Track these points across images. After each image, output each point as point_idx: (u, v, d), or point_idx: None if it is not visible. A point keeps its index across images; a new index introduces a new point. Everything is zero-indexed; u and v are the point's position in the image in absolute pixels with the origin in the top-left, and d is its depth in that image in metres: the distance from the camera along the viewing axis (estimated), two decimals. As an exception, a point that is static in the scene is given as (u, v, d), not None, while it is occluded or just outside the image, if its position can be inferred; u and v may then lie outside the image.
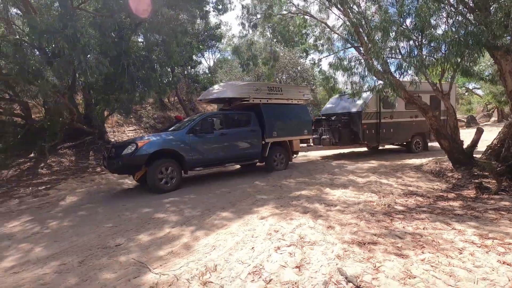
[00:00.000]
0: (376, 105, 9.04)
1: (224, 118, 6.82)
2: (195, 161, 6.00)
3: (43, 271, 2.67)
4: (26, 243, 3.45)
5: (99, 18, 6.58)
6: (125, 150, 5.40)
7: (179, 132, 6.07)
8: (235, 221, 3.72)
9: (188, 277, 2.35)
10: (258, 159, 7.16)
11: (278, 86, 7.87)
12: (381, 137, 9.21)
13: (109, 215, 4.37)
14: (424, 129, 9.66)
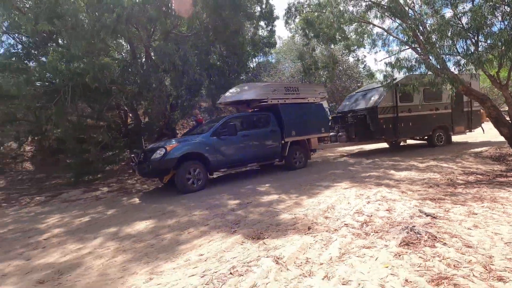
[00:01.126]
0: (392, 99, 8.85)
1: (244, 120, 6.97)
2: (219, 163, 6.25)
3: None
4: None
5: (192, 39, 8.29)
6: (155, 155, 5.64)
7: (203, 135, 6.28)
8: (326, 190, 4.92)
9: (313, 214, 3.62)
10: (278, 158, 7.34)
11: (294, 86, 8.00)
12: (400, 131, 8.93)
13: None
14: (446, 122, 9.47)
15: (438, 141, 9.52)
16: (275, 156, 7.22)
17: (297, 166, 7.47)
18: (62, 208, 5.61)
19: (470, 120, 9.88)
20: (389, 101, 8.82)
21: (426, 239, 2.58)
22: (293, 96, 7.68)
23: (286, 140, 7.24)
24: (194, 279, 2.28)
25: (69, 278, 2.57)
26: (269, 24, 9.50)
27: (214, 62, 9.94)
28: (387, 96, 8.75)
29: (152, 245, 3.17)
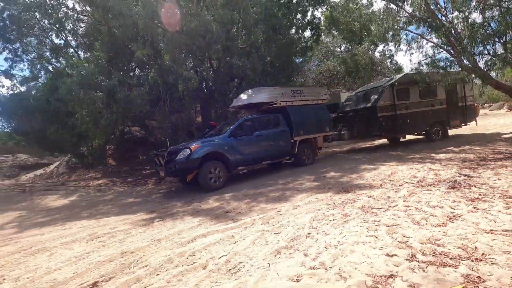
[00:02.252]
0: (391, 98, 9.20)
1: (257, 121, 7.38)
2: (237, 161, 6.64)
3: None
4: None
5: (248, 49, 10.00)
6: (180, 155, 5.98)
7: (221, 136, 6.66)
8: (381, 167, 6.40)
9: (380, 179, 5.14)
10: (288, 156, 7.87)
11: (299, 89, 8.59)
12: (399, 128, 9.36)
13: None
14: (442, 117, 9.87)
15: (435, 135, 9.88)
16: (286, 154, 7.71)
17: (306, 163, 7.99)
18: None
19: (465, 114, 10.37)
20: (388, 100, 9.17)
21: (464, 185, 4.05)
22: (299, 98, 8.24)
23: (295, 139, 7.76)
24: (306, 218, 3.91)
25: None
26: (314, 34, 10.97)
27: (266, 68, 11.58)
28: (385, 95, 9.14)
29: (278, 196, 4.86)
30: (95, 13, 9.16)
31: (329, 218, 3.39)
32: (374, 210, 3.46)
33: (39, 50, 11.37)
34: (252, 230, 3.28)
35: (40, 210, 6.20)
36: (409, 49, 9.37)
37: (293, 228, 3.17)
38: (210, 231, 3.38)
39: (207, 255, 2.73)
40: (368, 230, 2.86)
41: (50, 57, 11.36)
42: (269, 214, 3.84)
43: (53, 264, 2.92)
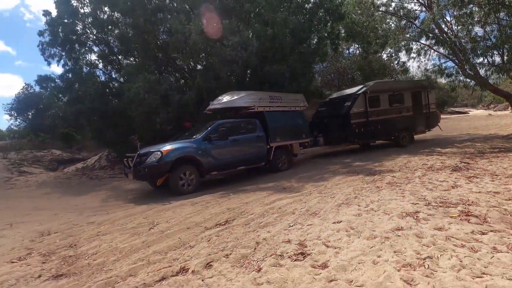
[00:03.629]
0: (364, 105, 9.49)
1: (233, 126, 7.28)
2: (211, 166, 6.53)
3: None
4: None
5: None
6: (150, 158, 5.83)
7: (195, 140, 6.52)
8: (397, 158, 7.76)
9: (398, 166, 6.52)
10: (264, 161, 7.74)
11: (277, 95, 8.59)
12: (371, 134, 9.71)
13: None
14: (409, 123, 10.40)
15: (403, 141, 10.33)
16: (261, 160, 7.64)
17: (281, 169, 7.98)
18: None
19: (429, 120, 11.04)
20: (361, 107, 9.50)
21: (464, 169, 5.41)
22: (277, 104, 8.33)
23: (271, 145, 7.78)
24: (349, 189, 5.30)
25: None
26: (334, 43, 12.33)
27: (293, 74, 12.80)
28: (358, 102, 9.47)
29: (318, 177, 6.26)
30: (145, 25, 10.60)
31: (366, 189, 4.78)
32: (398, 184, 4.84)
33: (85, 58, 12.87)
34: (312, 196, 4.69)
35: (126, 191, 7.69)
36: (417, 57, 10.70)
37: (342, 195, 4.55)
38: (282, 197, 4.80)
39: (290, 208, 4.14)
40: (397, 193, 4.25)
41: (97, 62, 12.86)
42: (319, 188, 5.25)
43: (184, 214, 4.34)
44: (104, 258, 2.95)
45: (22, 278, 2.71)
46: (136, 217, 4.47)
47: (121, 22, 11.58)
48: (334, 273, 2.21)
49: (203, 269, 2.51)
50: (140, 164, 5.91)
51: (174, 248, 3.06)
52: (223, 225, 3.65)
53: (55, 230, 4.22)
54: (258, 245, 2.89)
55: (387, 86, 10.48)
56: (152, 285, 2.33)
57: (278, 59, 10.73)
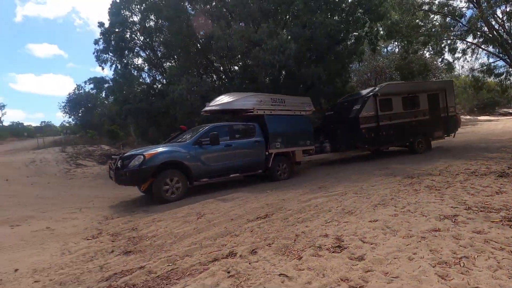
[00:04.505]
0: (374, 108, 8.93)
1: (229, 130, 6.88)
2: (200, 172, 6.08)
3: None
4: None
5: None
6: (132, 162, 5.42)
7: (185, 144, 6.14)
8: (436, 162, 7.52)
9: (439, 170, 6.36)
10: (261, 169, 7.22)
11: (281, 98, 8.04)
12: (382, 140, 9.09)
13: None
14: (425, 128, 9.63)
15: (419, 147, 9.66)
16: (258, 167, 7.17)
17: (280, 178, 7.40)
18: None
19: (447, 125, 10.21)
20: (371, 111, 8.91)
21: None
22: (279, 107, 7.81)
23: (270, 152, 7.29)
24: (386, 191, 5.32)
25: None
26: (372, 43, 12.11)
27: (330, 76, 12.79)
28: (368, 105, 8.87)
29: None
30: (187, 31, 11.30)
31: (403, 191, 4.81)
32: (437, 188, 4.80)
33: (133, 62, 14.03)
34: (347, 196, 4.83)
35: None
36: (463, 56, 10.13)
37: (378, 196, 4.64)
38: (318, 196, 5.00)
39: (326, 206, 4.34)
40: (435, 197, 4.25)
41: (143, 66, 13.97)
42: (355, 188, 5.36)
43: (227, 207, 4.74)
44: (162, 240, 3.41)
45: (99, 252, 3.26)
46: (183, 208, 4.97)
47: (165, 28, 12.47)
48: (370, 265, 2.41)
49: (249, 255, 2.83)
50: (123, 168, 5.48)
51: (222, 235, 3.44)
52: (263, 218, 3.97)
53: (117, 215, 4.85)
54: (297, 237, 3.16)
55: (400, 88, 9.84)
56: (206, 264, 2.71)
57: (314, 60, 10.83)
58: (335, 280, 2.22)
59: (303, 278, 2.30)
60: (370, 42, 12.35)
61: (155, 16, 12.47)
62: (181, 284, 2.35)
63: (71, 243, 3.62)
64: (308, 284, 2.21)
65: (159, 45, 12.93)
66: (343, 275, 2.27)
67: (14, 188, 7.72)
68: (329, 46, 10.98)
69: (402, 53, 11.45)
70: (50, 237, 3.94)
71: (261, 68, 9.37)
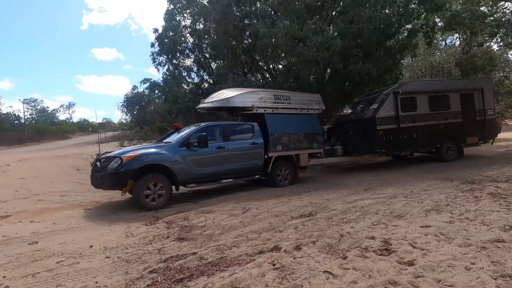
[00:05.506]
0: (394, 108, 8.04)
1: (222, 130, 6.24)
2: (188, 177, 5.54)
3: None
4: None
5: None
6: (110, 165, 5.03)
7: (170, 145, 5.60)
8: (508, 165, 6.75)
9: (504, 175, 5.71)
10: (259, 174, 6.57)
11: (285, 95, 7.29)
12: (402, 144, 8.17)
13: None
14: (456, 132, 8.52)
15: (447, 154, 8.65)
16: (255, 172, 6.50)
17: (281, 184, 6.72)
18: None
19: (484, 130, 8.86)
20: (390, 110, 8.04)
21: None
22: (283, 105, 7.10)
23: (270, 155, 6.63)
24: (440, 196, 4.92)
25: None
26: (427, 36, 11.19)
27: (379, 72, 12.15)
28: (387, 105, 8.00)
29: (400, 184, 6.01)
30: (234, 31, 11.66)
31: (461, 197, 4.44)
32: (503, 196, 4.33)
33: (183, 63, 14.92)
34: (397, 199, 4.61)
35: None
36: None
37: (431, 201, 4.35)
38: (364, 197, 4.87)
39: (373, 208, 4.21)
40: (500, 205, 3.86)
41: (192, 66, 14.78)
42: (405, 192, 5.08)
43: (271, 204, 4.87)
44: (211, 231, 3.66)
45: (156, 237, 3.63)
46: (229, 202, 5.22)
47: (213, 30, 13.03)
48: (421, 271, 2.32)
49: (293, 250, 2.91)
50: (101, 171, 5.14)
51: (266, 230, 3.57)
52: (307, 217, 4.01)
53: (169, 205, 5.29)
54: (342, 237, 3.15)
55: (427, 86, 8.83)
56: (253, 255, 2.86)
57: (362, 57, 10.41)
58: (382, 282, 2.19)
59: (348, 277, 2.31)
60: (426, 35, 11.43)
61: (204, 19, 13.09)
62: (230, 272, 2.52)
63: (133, 227, 4.07)
64: (354, 283, 2.22)
65: (207, 47, 13.56)
66: (391, 278, 2.23)
67: (83, 177, 8.81)
68: (379, 41, 10.42)
69: (463, 46, 10.28)
70: (116, 220, 4.48)
71: (304, 65, 9.29)
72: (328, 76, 11.08)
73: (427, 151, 9.21)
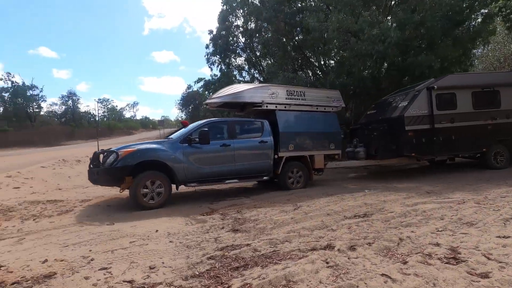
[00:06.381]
0: (427, 106, 7.02)
1: (228, 127, 5.91)
2: (188, 175, 5.28)
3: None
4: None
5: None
6: (108, 160, 4.91)
7: (171, 141, 5.38)
8: None
9: None
10: (268, 175, 6.14)
11: (300, 90, 6.83)
12: (437, 147, 7.07)
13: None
14: (508, 134, 7.28)
15: (496, 160, 7.42)
16: (263, 173, 6.09)
17: (293, 187, 6.31)
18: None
19: None
20: (423, 108, 7.05)
21: None
22: (297, 102, 6.64)
23: (280, 155, 6.23)
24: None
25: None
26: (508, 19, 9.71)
27: (444, 64, 11.00)
28: (419, 102, 7.04)
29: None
30: (285, 28, 11.64)
31: (550, 207, 3.80)
32: None
33: (235, 62, 15.42)
34: (466, 205, 4.15)
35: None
36: None
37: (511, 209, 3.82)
38: (426, 201, 4.49)
39: (438, 213, 3.86)
40: None
41: (244, 65, 15.20)
42: (478, 197, 4.55)
43: (322, 202, 4.81)
44: (263, 225, 3.77)
45: (212, 226, 3.87)
46: (280, 198, 5.30)
47: (264, 29, 13.21)
48: (498, 285, 2.08)
49: (347, 250, 2.85)
50: (98, 166, 5.08)
51: (318, 228, 3.54)
52: (361, 217, 3.86)
53: (223, 198, 5.58)
54: (401, 241, 2.97)
55: (470, 80, 7.57)
56: (305, 251, 2.87)
57: (424, 48, 9.51)
58: (449, 292, 2.03)
59: (409, 283, 2.18)
60: (505, 18, 9.93)
61: (255, 18, 13.34)
62: (283, 265, 2.58)
63: (191, 216, 4.40)
64: (415, 290, 2.09)
65: (257, 45, 13.82)
66: (460, 289, 2.05)
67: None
68: (445, 29, 9.40)
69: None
70: (175, 210, 4.90)
71: (358, 60, 8.86)
72: (385, 70, 10.38)
73: (468, 156, 8.10)
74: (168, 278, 2.43)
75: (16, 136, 30.48)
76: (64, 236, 3.59)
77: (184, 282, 2.37)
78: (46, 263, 2.77)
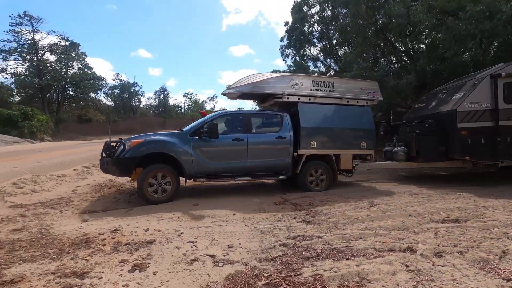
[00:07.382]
0: (490, 98, 5.81)
1: (243, 119, 5.42)
2: (197, 170, 5.00)
3: None
4: None
5: None
6: (118, 150, 4.88)
7: (180, 133, 5.13)
8: None
9: None
10: (285, 174, 5.47)
11: (328, 80, 5.97)
12: (502, 150, 5.80)
13: None
14: None
15: None
16: (280, 171, 5.47)
17: (313, 189, 5.53)
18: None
19: None
20: (483, 101, 5.85)
21: None
22: (324, 93, 5.82)
23: (300, 153, 5.51)
24: None
25: None
26: None
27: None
28: (478, 93, 5.85)
29: None
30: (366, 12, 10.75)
31: None
32: None
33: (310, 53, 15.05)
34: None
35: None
36: None
37: None
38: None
39: None
40: None
41: (319, 55, 14.74)
42: None
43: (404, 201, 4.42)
44: (336, 219, 3.71)
45: (284, 216, 4.00)
46: (355, 194, 5.09)
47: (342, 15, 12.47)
48: None
49: (432, 256, 2.58)
50: (108, 155, 4.99)
51: (398, 228, 3.29)
52: (452, 222, 3.41)
53: (292, 190, 5.67)
54: (505, 255, 2.53)
55: None
56: (382, 251, 2.72)
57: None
58: None
59: (513, 304, 1.87)
60: None
61: (332, 4, 12.70)
62: (356, 262, 2.52)
63: (265, 204, 4.64)
64: (522, 312, 1.78)
65: (334, 33, 13.16)
66: None
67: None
68: None
69: None
70: (250, 197, 5.23)
71: (455, 42, 7.57)
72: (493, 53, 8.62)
73: None
74: (244, 258, 2.66)
75: (123, 125, 37.43)
76: (160, 211, 4.26)
77: (258, 263, 2.56)
78: (148, 232, 3.36)
